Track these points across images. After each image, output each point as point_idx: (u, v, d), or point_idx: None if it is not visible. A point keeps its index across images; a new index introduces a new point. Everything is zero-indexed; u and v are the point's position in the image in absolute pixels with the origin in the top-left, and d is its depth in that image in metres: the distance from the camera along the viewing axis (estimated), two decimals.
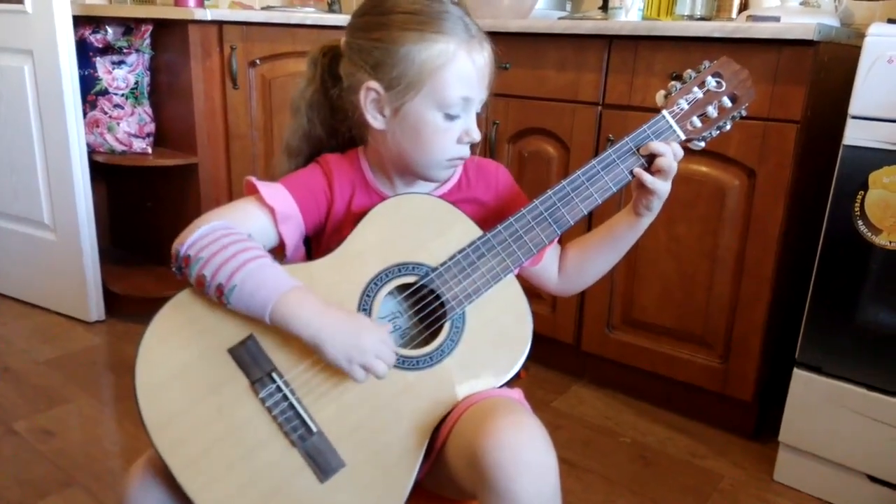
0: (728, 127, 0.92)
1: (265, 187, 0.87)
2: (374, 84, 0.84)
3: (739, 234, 1.61)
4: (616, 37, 1.69)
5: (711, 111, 0.90)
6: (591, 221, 1.74)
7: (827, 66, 1.51)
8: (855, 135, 1.36)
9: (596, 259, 0.99)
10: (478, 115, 0.88)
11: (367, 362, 0.78)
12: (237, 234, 0.81)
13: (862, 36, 1.35)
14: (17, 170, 2.26)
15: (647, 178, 0.88)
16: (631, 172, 0.88)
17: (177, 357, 0.80)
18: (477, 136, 0.87)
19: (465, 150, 0.88)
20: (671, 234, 1.70)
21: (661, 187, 0.88)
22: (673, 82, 0.91)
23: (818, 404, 1.47)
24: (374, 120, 0.86)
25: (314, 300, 0.79)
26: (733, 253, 1.62)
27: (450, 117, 0.84)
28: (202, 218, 0.84)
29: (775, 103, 1.50)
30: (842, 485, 1.48)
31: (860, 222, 1.37)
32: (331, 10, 2.75)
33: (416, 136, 0.85)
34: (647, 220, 0.94)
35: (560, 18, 2.01)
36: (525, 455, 0.73)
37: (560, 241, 0.99)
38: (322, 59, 0.92)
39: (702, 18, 1.99)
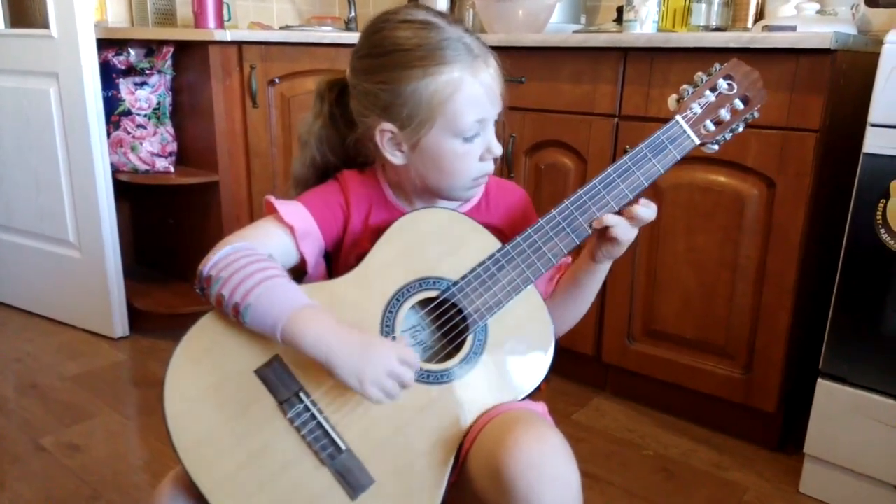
0: (741, 129, 0.92)
1: (283, 206, 0.88)
2: (387, 126, 0.85)
3: (760, 244, 1.60)
4: (631, 49, 1.70)
5: (724, 114, 0.90)
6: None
7: (845, 75, 1.51)
8: (875, 143, 1.36)
9: (563, 306, 0.97)
10: (496, 122, 0.88)
11: (379, 381, 0.77)
12: (257, 254, 0.82)
13: (880, 43, 1.35)
14: (43, 189, 2.31)
15: (616, 224, 0.86)
16: (647, 179, 0.88)
17: (205, 379, 0.81)
18: (498, 150, 0.87)
19: (489, 166, 0.89)
20: (691, 244, 1.69)
21: (625, 235, 0.86)
22: (685, 86, 0.91)
23: (843, 415, 1.45)
24: (394, 157, 0.87)
25: (325, 319, 0.79)
26: (754, 263, 1.61)
27: (468, 140, 0.85)
28: (225, 240, 0.85)
29: (793, 112, 1.50)
30: (869, 496, 1.45)
31: (882, 231, 1.36)
32: (347, 28, 2.79)
33: (439, 165, 0.86)
34: (607, 265, 0.92)
35: (575, 32, 2.02)
36: (547, 468, 0.73)
37: None
38: (329, 94, 0.93)
39: (717, 29, 1.99)
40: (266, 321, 0.78)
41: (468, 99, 0.83)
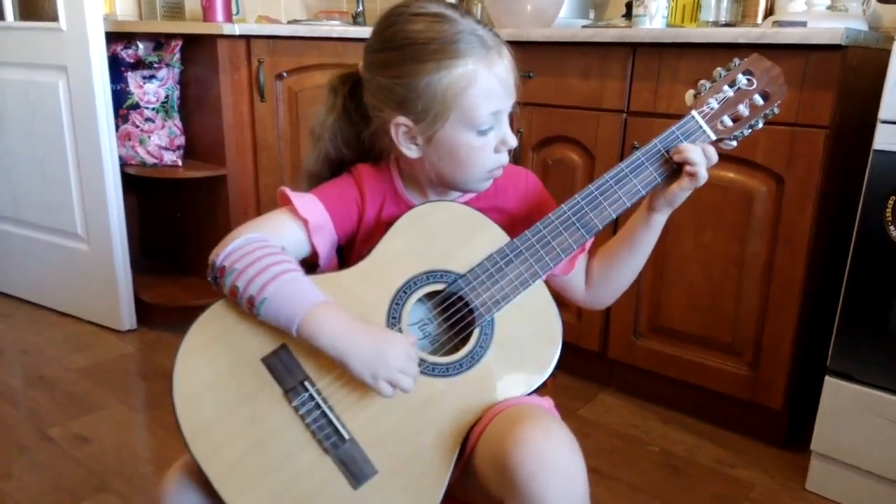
0: (760, 125, 0.90)
1: (298, 199, 0.88)
2: (402, 119, 0.84)
3: (768, 241, 1.59)
4: (640, 44, 1.69)
5: (743, 110, 0.89)
6: (616, 226, 1.74)
7: (855, 71, 1.50)
8: (885, 140, 1.35)
9: (618, 265, 0.96)
10: (511, 114, 0.88)
11: (391, 378, 0.79)
12: (271, 246, 0.83)
13: (891, 39, 1.34)
14: (52, 182, 2.32)
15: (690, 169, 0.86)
16: (659, 175, 0.87)
17: (213, 366, 0.81)
18: (513, 141, 0.87)
19: (504, 158, 0.88)
20: (698, 240, 1.68)
21: (703, 173, 0.86)
22: (702, 81, 0.89)
23: (850, 412, 1.45)
24: (409, 150, 0.87)
25: (340, 316, 0.80)
26: (761, 259, 1.61)
27: (483, 133, 0.84)
28: (238, 230, 0.85)
29: (803, 109, 1.49)
30: (875, 494, 1.45)
31: (892, 228, 1.35)
32: (355, 22, 2.79)
33: (454, 158, 0.86)
34: (663, 217, 0.91)
35: (584, 27, 2.01)
36: (553, 461, 0.73)
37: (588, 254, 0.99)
38: (342, 87, 0.92)
39: (727, 24, 1.98)
40: (282, 316, 0.79)
41: (483, 92, 0.82)
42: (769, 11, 1.95)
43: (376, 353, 0.78)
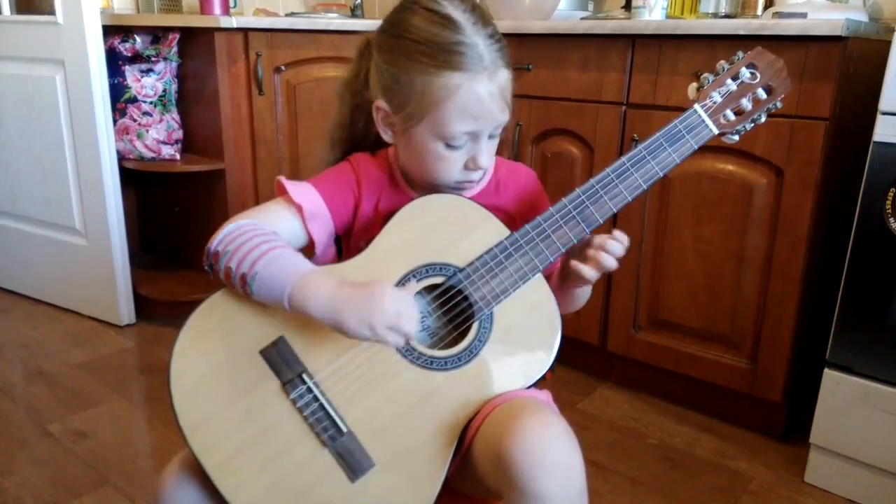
0: (763, 119, 0.90)
1: (293, 186, 0.88)
2: (382, 104, 0.85)
3: (767, 234, 1.59)
4: (640, 36, 1.68)
5: (746, 104, 0.88)
6: (615, 221, 1.74)
7: (856, 62, 1.49)
8: (885, 131, 1.34)
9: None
10: (503, 129, 0.87)
11: (390, 323, 0.76)
12: (261, 228, 0.84)
13: (891, 31, 1.33)
14: (49, 177, 2.31)
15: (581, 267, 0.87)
16: (661, 169, 0.87)
17: (210, 359, 0.81)
18: (484, 163, 0.86)
19: (473, 175, 0.88)
20: (697, 233, 1.68)
21: (588, 274, 0.87)
22: (705, 74, 0.89)
23: (849, 405, 1.45)
24: (385, 134, 0.88)
25: (329, 279, 0.79)
26: (761, 252, 1.61)
27: (452, 147, 0.84)
28: (232, 218, 0.86)
29: (803, 100, 1.48)
30: (874, 486, 1.45)
31: (892, 220, 1.35)
32: (353, 15, 2.77)
33: (420, 159, 0.86)
34: (578, 288, 0.93)
35: (583, 19, 2.00)
36: (551, 455, 0.72)
37: None
38: (367, 52, 0.91)
39: (727, 16, 1.97)
40: (273, 287, 0.79)
41: (459, 109, 0.81)
42: (769, 2, 1.94)
43: (367, 302, 0.77)
